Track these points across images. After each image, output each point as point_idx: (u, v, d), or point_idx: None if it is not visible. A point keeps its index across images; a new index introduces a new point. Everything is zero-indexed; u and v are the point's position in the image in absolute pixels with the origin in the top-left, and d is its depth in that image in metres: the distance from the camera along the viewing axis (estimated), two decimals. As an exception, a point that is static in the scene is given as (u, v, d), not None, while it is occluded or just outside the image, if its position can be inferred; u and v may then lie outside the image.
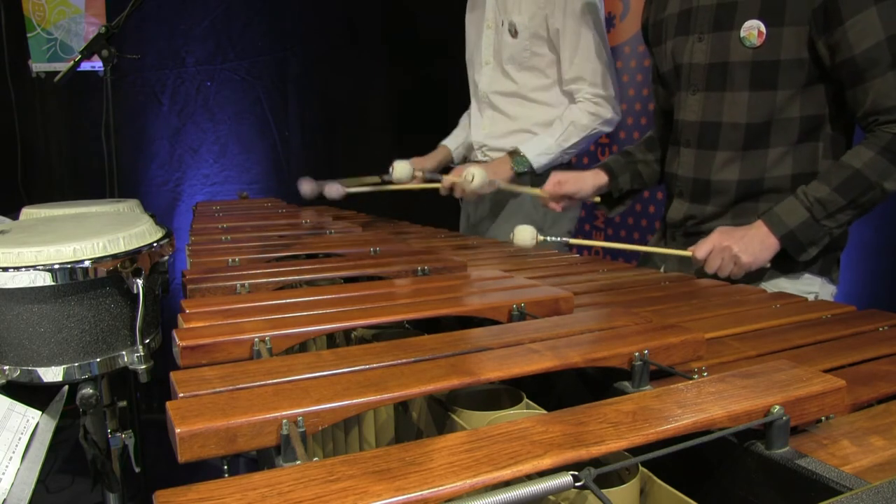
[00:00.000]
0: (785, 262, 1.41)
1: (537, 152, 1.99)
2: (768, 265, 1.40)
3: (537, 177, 2.05)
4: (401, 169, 1.92)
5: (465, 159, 2.37)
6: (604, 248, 1.66)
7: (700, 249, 1.38)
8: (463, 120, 2.46)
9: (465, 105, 2.40)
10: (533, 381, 0.77)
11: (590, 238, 3.28)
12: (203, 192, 3.35)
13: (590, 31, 1.98)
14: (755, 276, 1.44)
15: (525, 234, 1.51)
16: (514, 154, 2.00)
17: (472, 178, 1.78)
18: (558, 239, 1.55)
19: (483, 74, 2.18)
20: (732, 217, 1.48)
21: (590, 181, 1.73)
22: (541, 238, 1.51)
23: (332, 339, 1.17)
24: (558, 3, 1.97)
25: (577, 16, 1.97)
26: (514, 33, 2.03)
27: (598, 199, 1.77)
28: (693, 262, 1.41)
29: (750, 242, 1.35)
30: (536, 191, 1.77)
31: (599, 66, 2.00)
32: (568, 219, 2.12)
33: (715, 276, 1.39)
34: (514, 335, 0.84)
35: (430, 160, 2.34)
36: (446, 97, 2.47)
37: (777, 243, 1.36)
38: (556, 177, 1.72)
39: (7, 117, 3.07)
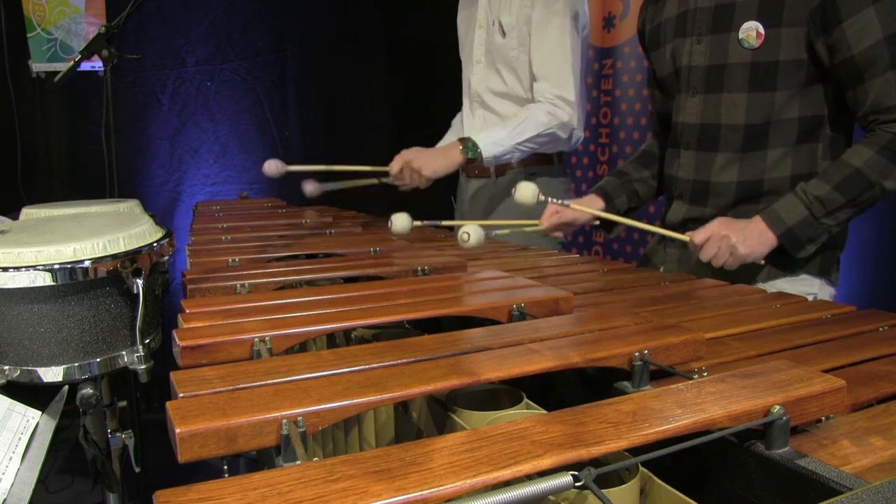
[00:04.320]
0: (783, 261, 1.41)
1: (489, 142, 1.95)
2: (763, 262, 1.40)
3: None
4: (400, 221, 1.76)
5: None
6: (607, 220, 1.62)
7: (698, 235, 1.37)
8: (455, 123, 2.45)
9: (465, 104, 2.40)
10: (533, 381, 0.77)
11: (590, 237, 3.28)
12: (203, 192, 3.35)
13: (562, 32, 1.95)
14: (752, 275, 1.44)
15: (527, 191, 1.47)
16: (464, 140, 1.97)
17: (468, 237, 1.69)
18: (559, 202, 1.52)
19: (474, 73, 2.17)
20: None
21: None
22: (542, 198, 1.48)
23: (332, 339, 1.17)
24: (539, 2, 1.96)
25: (552, 15, 1.95)
26: (503, 33, 2.03)
27: (597, 222, 1.77)
28: (691, 248, 1.40)
29: (749, 235, 1.35)
30: (535, 223, 1.75)
31: (565, 69, 1.96)
32: None
33: (710, 266, 1.38)
34: (514, 335, 0.84)
35: None
36: (446, 96, 2.46)
37: (775, 239, 1.35)
38: (552, 208, 1.71)
39: (7, 117, 3.07)
